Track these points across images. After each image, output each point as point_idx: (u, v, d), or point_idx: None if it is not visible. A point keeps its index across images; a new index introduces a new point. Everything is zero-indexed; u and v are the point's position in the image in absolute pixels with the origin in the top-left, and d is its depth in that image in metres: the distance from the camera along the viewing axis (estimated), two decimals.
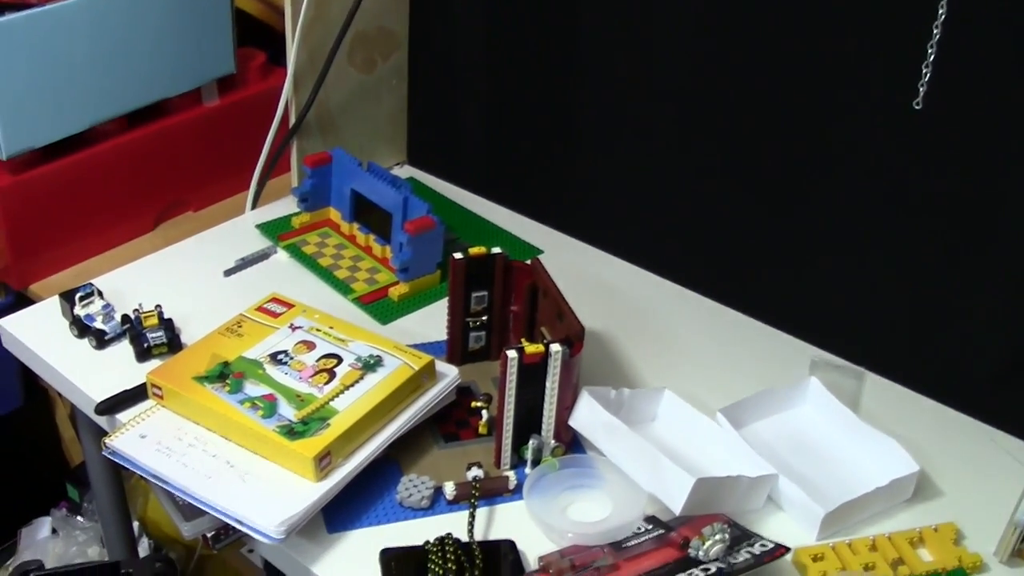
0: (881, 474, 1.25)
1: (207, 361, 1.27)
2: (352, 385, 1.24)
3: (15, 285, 1.68)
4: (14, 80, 1.53)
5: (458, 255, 1.35)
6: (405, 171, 1.91)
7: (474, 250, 1.36)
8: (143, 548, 1.92)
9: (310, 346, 1.30)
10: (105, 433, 1.24)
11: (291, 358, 1.28)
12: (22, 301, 1.67)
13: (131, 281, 1.55)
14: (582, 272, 1.65)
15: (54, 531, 1.91)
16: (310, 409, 1.20)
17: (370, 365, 1.27)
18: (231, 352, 1.29)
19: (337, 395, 1.22)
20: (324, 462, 1.16)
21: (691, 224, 1.58)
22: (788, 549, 1.14)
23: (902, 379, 1.44)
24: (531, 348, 1.19)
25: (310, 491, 1.15)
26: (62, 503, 2.00)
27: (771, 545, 1.14)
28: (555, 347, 1.20)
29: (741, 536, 1.16)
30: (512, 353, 1.19)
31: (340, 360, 1.28)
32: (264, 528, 1.11)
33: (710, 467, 1.27)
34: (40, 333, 1.44)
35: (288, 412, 1.20)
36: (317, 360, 1.28)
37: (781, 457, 1.30)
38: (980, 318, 1.35)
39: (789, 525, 1.22)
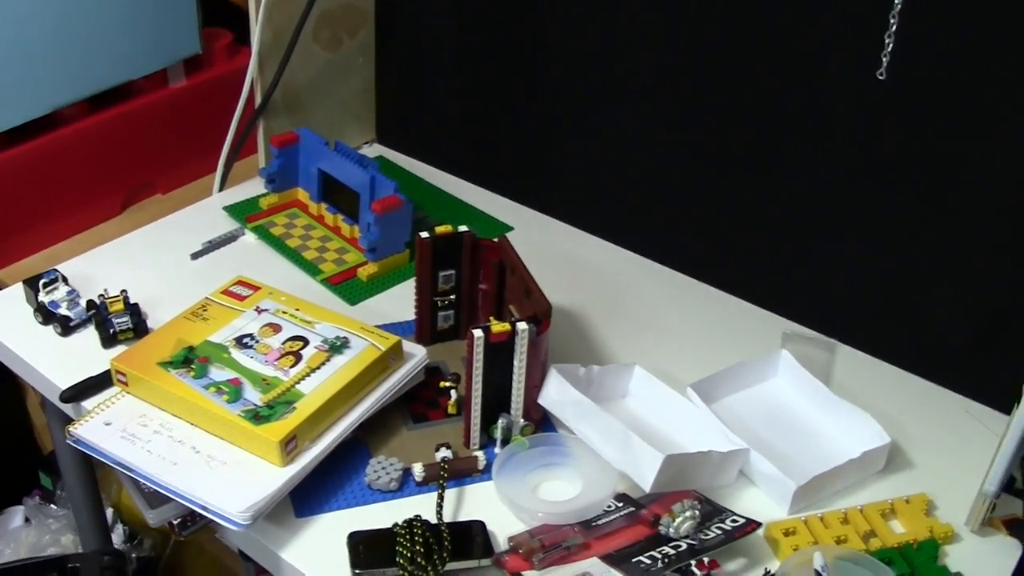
0: (853, 446, 1.24)
1: (172, 346, 1.26)
2: (318, 367, 1.23)
3: None
4: None
5: (424, 234, 1.34)
6: (375, 149, 1.89)
7: (440, 229, 1.35)
8: (118, 535, 1.91)
9: (276, 329, 1.29)
10: (72, 421, 1.22)
11: (257, 341, 1.27)
12: None
13: (97, 266, 1.53)
14: (554, 249, 1.63)
15: (27, 520, 1.90)
16: (276, 393, 1.19)
17: (336, 347, 1.26)
18: (196, 336, 1.27)
19: (303, 378, 1.21)
20: (290, 446, 1.14)
21: (662, 199, 1.57)
22: (759, 524, 1.13)
23: (874, 350, 1.43)
24: (497, 327, 1.18)
25: (276, 476, 1.13)
26: (35, 491, 1.98)
27: (742, 520, 1.14)
28: (521, 325, 1.19)
29: (712, 512, 1.16)
30: (478, 332, 1.17)
31: (306, 342, 1.26)
32: (229, 514, 1.09)
33: (681, 443, 1.26)
34: (4, 320, 1.42)
35: (254, 396, 1.19)
36: (283, 343, 1.26)
37: (753, 431, 1.29)
38: (951, 288, 1.34)
39: (762, 499, 1.21)
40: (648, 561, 1.09)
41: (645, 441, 1.19)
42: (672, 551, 1.10)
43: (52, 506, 1.92)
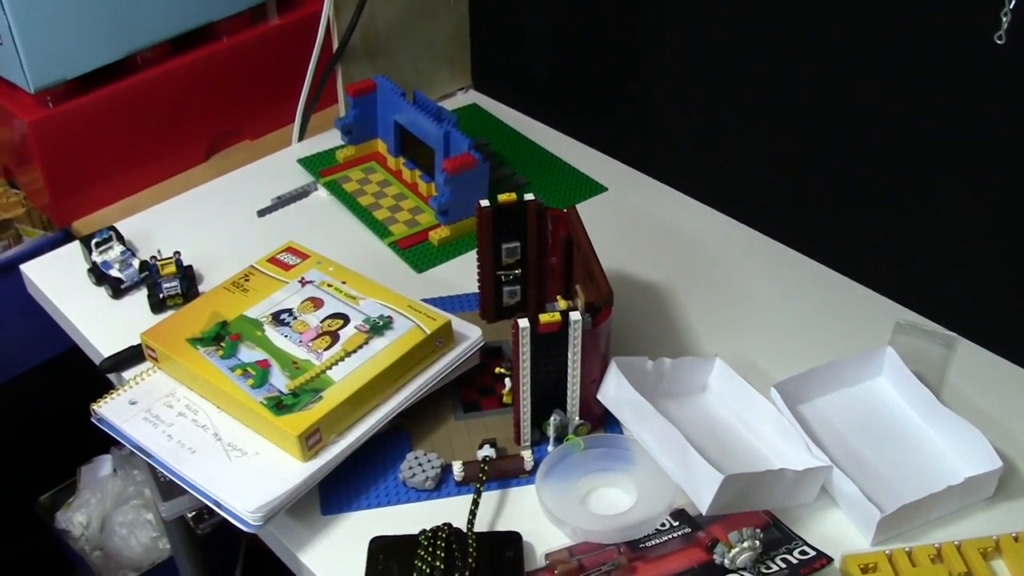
0: (958, 468, 1.07)
1: (205, 320, 1.17)
2: (355, 351, 1.12)
3: (56, 222, 1.61)
4: (39, 7, 1.44)
5: (484, 202, 1.21)
6: (470, 97, 1.76)
7: (503, 197, 1.22)
8: None
9: (317, 304, 1.19)
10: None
11: (294, 318, 1.17)
12: (70, 239, 1.61)
13: (160, 222, 1.46)
14: (649, 212, 1.48)
15: (114, 470, 1.88)
16: (303, 379, 1.09)
17: (378, 328, 1.15)
18: (232, 310, 1.19)
19: (336, 363, 1.11)
20: (312, 440, 1.05)
21: (770, 163, 1.40)
22: (830, 560, 0.98)
23: (1001, 349, 1.24)
24: (546, 317, 1.05)
25: (295, 472, 1.04)
26: None
27: (812, 553, 0.99)
28: (575, 316, 1.05)
29: (781, 539, 1.01)
30: (523, 322, 1.05)
31: (346, 321, 1.16)
32: (241, 513, 1.01)
33: (759, 452, 1.11)
34: (60, 279, 1.38)
35: (280, 381, 1.09)
36: (322, 321, 1.16)
37: (845, 441, 1.13)
38: None
39: (845, 524, 1.06)
40: None
41: (717, 448, 1.05)
42: None
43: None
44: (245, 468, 1.05)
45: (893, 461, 1.11)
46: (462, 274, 1.37)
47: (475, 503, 1.05)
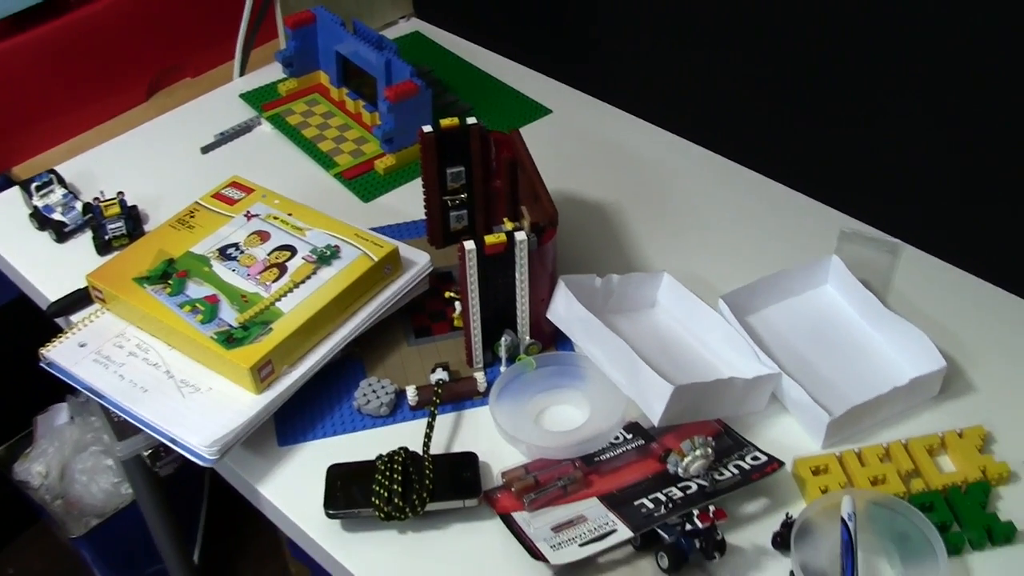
0: (904, 370, 1.09)
1: (152, 258, 1.16)
2: (303, 282, 1.12)
3: None
4: None
5: (427, 128, 1.20)
6: (412, 25, 1.74)
7: (446, 121, 1.21)
8: None
9: (264, 237, 1.18)
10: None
11: (241, 252, 1.16)
12: (10, 184, 1.59)
13: (103, 163, 1.44)
14: (595, 133, 1.48)
15: (71, 418, 1.87)
16: (253, 312, 1.09)
17: (325, 257, 1.14)
18: (178, 247, 1.18)
19: (284, 294, 1.11)
20: (265, 371, 1.05)
21: (714, 82, 1.39)
22: (781, 464, 1.00)
23: (944, 253, 1.25)
24: (492, 239, 1.05)
25: (249, 405, 1.04)
26: None
27: (763, 459, 1.01)
28: (520, 236, 1.05)
29: (733, 446, 1.03)
30: (469, 245, 1.05)
31: (294, 253, 1.16)
32: (196, 448, 1.01)
33: (709, 363, 1.13)
34: (0, 227, 1.35)
35: (230, 316, 1.09)
36: (269, 253, 1.16)
37: (793, 348, 1.15)
38: None
39: (795, 430, 1.07)
40: (651, 505, 0.97)
41: (667, 361, 1.06)
42: (680, 493, 0.98)
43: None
44: (198, 404, 1.05)
45: (841, 366, 1.12)
46: (409, 202, 1.37)
47: (430, 426, 1.06)
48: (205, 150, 1.45)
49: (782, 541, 0.96)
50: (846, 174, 1.31)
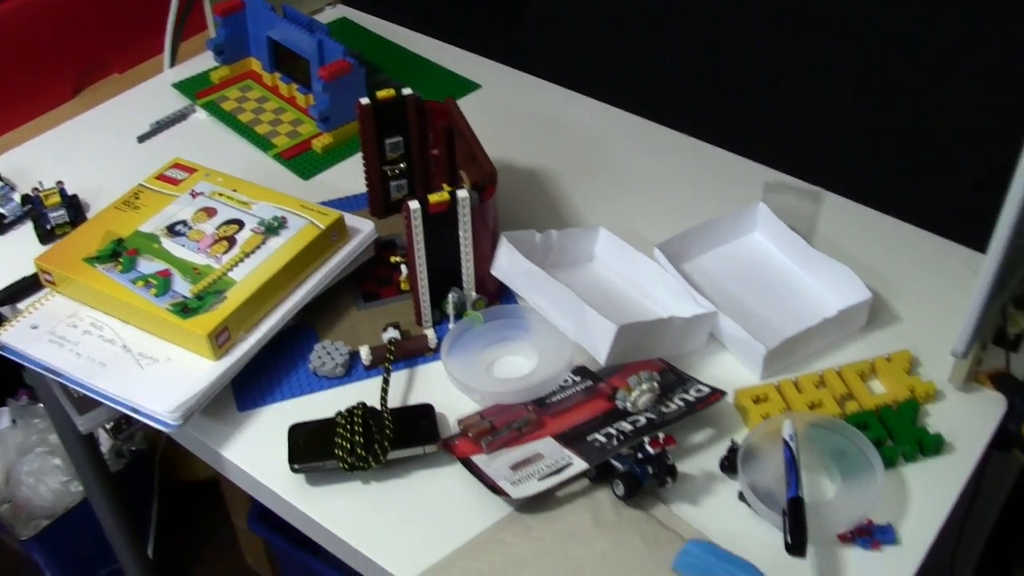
0: (832, 302, 1.15)
1: (100, 239, 1.18)
2: (252, 252, 1.15)
3: None
4: None
5: (364, 100, 1.24)
6: (338, 11, 1.77)
7: (382, 93, 1.25)
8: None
9: (211, 213, 1.21)
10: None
11: (190, 228, 1.19)
12: None
13: (37, 157, 1.45)
14: (524, 105, 1.52)
15: (13, 421, 1.87)
16: (206, 283, 1.12)
17: (272, 228, 1.18)
18: (126, 227, 1.20)
19: (236, 264, 1.13)
20: (222, 338, 1.08)
21: (635, 44, 1.45)
22: (723, 393, 1.05)
23: (863, 198, 1.32)
24: (435, 197, 1.09)
25: (209, 371, 1.07)
26: (20, 392, 1.95)
27: (706, 390, 1.06)
28: (462, 194, 1.10)
29: (676, 382, 1.08)
30: (414, 204, 1.08)
31: (241, 226, 1.18)
32: (159, 415, 1.03)
33: (648, 309, 1.18)
34: None
35: (183, 288, 1.11)
36: (217, 228, 1.18)
37: (728, 291, 1.20)
38: (948, 133, 1.22)
39: (734, 365, 1.13)
40: (603, 439, 1.01)
41: (609, 308, 1.11)
42: (630, 426, 1.03)
43: (39, 405, 1.88)
44: (157, 374, 1.07)
45: (773, 304, 1.18)
46: (349, 177, 1.40)
47: (386, 381, 1.09)
48: (142, 139, 1.47)
49: (729, 465, 1.01)
50: (768, 131, 1.37)
